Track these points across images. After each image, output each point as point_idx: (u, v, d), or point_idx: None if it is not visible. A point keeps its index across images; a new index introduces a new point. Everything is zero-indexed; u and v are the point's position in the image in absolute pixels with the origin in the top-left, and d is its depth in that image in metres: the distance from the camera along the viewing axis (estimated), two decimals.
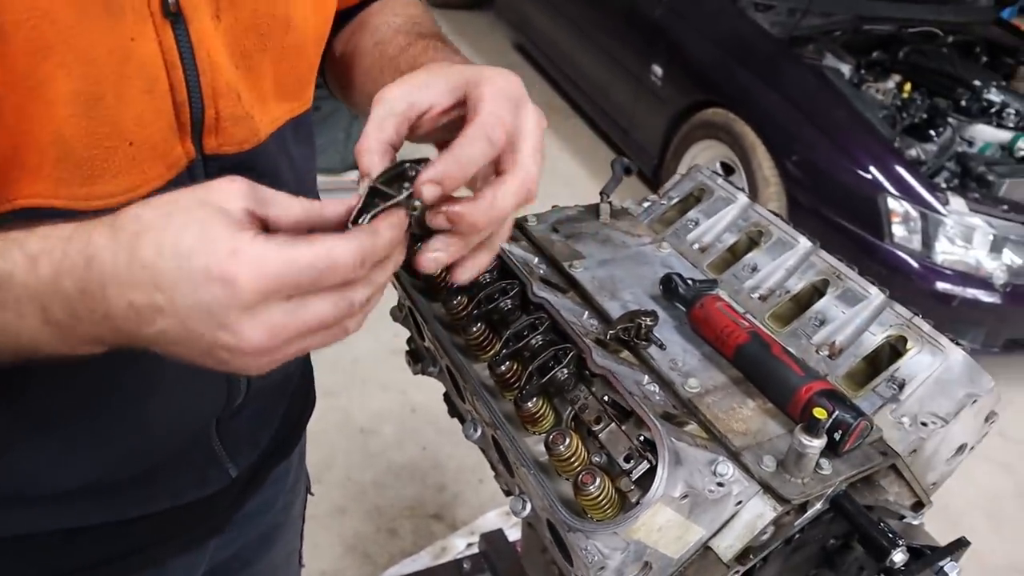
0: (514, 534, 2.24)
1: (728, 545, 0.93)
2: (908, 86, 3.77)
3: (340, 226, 0.61)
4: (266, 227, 0.58)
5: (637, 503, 0.89)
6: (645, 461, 0.88)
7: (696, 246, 1.36)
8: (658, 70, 4.05)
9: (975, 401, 1.07)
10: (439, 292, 1.18)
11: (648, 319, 1.08)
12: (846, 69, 3.68)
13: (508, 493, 1.28)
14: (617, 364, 1.00)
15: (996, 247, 3.18)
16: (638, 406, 0.89)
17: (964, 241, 3.19)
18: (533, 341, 1.02)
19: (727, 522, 0.94)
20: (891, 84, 3.75)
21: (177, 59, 0.71)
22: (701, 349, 1.13)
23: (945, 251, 3.17)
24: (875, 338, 1.14)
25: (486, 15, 6.54)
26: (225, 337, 0.54)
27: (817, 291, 1.24)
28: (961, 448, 1.14)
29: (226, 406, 0.94)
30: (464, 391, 1.10)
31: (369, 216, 0.60)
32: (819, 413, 0.90)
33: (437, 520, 2.57)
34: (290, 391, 1.16)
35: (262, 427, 1.08)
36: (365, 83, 0.98)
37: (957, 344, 1.10)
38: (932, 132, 3.60)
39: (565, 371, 0.97)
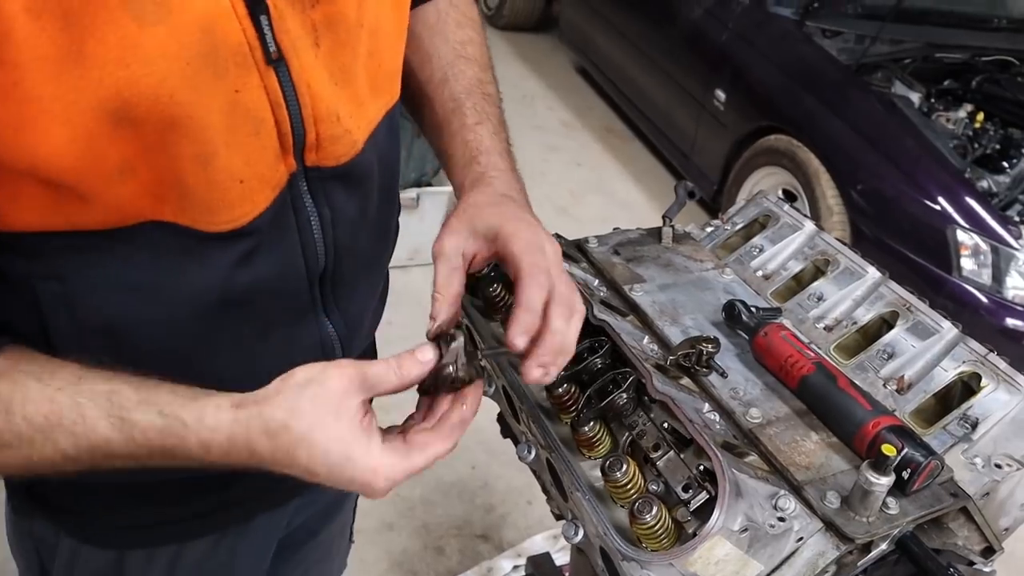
0: (561, 558, 2.21)
1: None
2: (981, 116, 3.66)
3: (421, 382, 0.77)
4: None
5: (694, 534, 0.87)
6: (704, 491, 0.86)
7: (760, 273, 1.34)
8: (721, 95, 4.01)
9: None
10: (497, 313, 1.18)
11: (710, 346, 1.07)
12: (915, 98, 3.59)
13: (559, 517, 1.27)
14: (677, 391, 0.98)
15: None
16: (698, 434, 0.87)
17: None
18: (592, 364, 1.01)
19: (787, 559, 0.91)
20: (962, 114, 3.64)
21: (281, 99, 0.75)
22: (763, 379, 1.11)
23: (1017, 286, 3.05)
24: (947, 374, 1.10)
25: (549, 38, 6.59)
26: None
27: (886, 323, 1.20)
28: None
29: None
30: (520, 412, 1.09)
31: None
32: (888, 449, 0.87)
33: (484, 540, 2.55)
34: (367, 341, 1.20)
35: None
36: (421, 116, 1.07)
37: None
38: (1005, 163, 3.49)
39: (624, 396, 0.96)
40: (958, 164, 3.21)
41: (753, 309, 1.17)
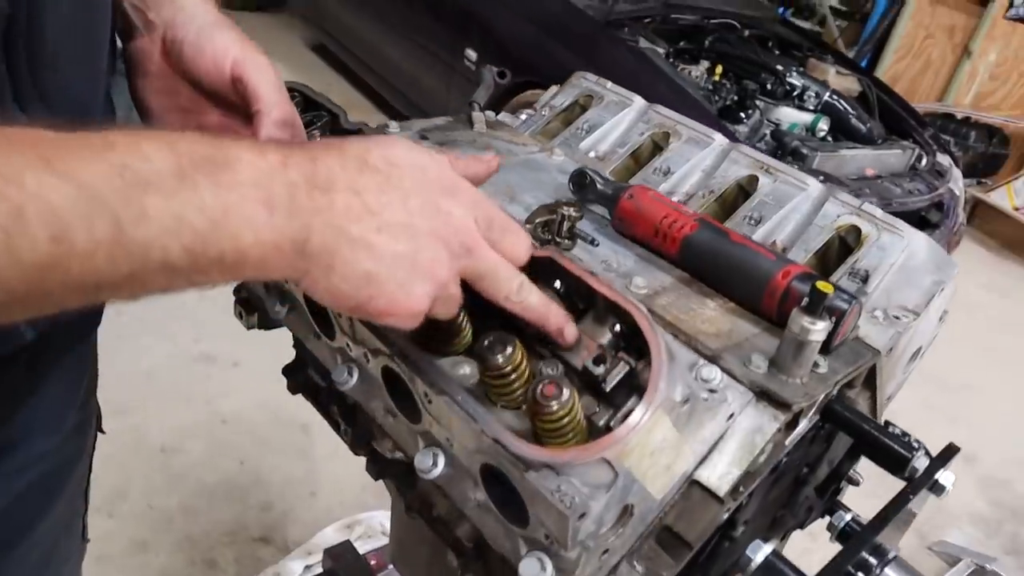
0: (362, 547, 1.91)
1: (722, 473, 0.70)
2: (719, 69, 3.85)
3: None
4: None
5: (608, 428, 0.65)
6: (622, 363, 0.63)
7: (592, 154, 1.15)
8: (472, 54, 3.88)
9: (943, 289, 0.93)
10: None
11: (572, 210, 0.85)
12: (660, 52, 3.69)
13: (381, 475, 0.99)
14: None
15: None
16: (606, 287, 0.64)
17: None
18: None
19: (716, 444, 0.71)
20: (702, 68, 3.81)
21: None
22: (634, 251, 0.91)
23: None
24: (822, 231, 0.97)
25: (275, 17, 6.12)
26: (447, 203, 0.60)
27: (743, 190, 1.06)
28: (916, 354, 1.00)
29: None
30: (336, 319, 0.80)
31: None
32: (824, 287, 0.70)
33: (264, 544, 2.17)
34: None
35: None
36: None
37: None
38: (743, 114, 3.67)
39: None
40: (711, 109, 3.31)
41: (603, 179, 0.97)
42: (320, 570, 1.88)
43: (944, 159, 3.97)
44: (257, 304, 1.06)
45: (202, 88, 0.79)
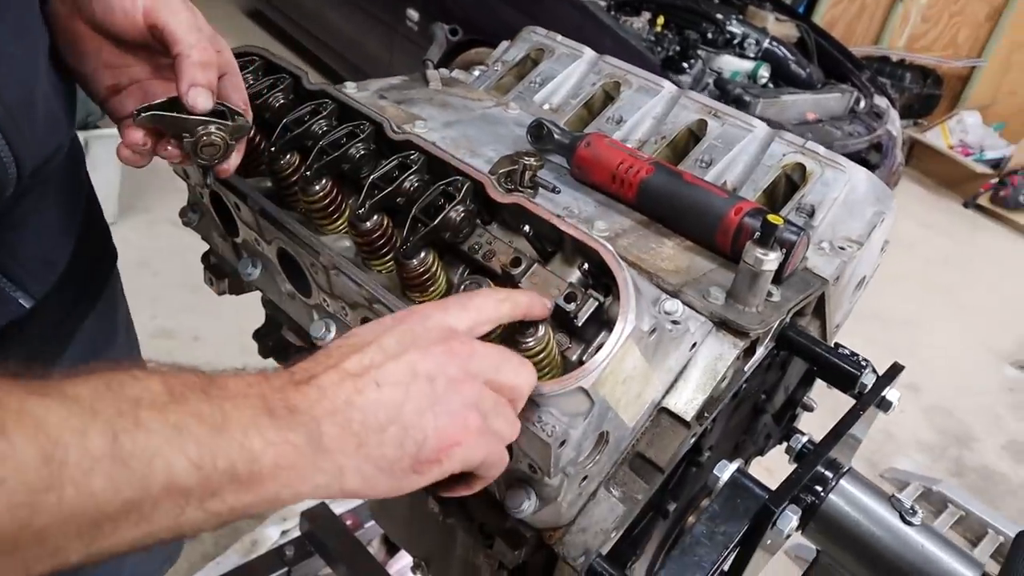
0: (338, 508, 1.95)
1: (688, 399, 0.75)
2: (661, 19, 3.88)
3: None
4: None
5: (581, 362, 0.69)
6: (591, 299, 0.67)
7: (547, 106, 1.18)
8: (414, 14, 3.84)
9: (883, 219, 0.98)
10: (257, 163, 0.89)
11: (533, 160, 0.88)
12: (602, 4, 3.71)
13: None
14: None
15: None
16: (572, 228, 0.67)
17: None
18: (407, 184, 0.77)
19: (681, 373, 0.76)
20: (644, 20, 3.83)
21: None
22: (593, 197, 0.94)
23: None
24: (769, 170, 1.02)
25: None
26: (418, 325, 0.57)
27: (693, 135, 1.10)
28: (860, 283, 1.06)
29: None
30: (313, 272, 0.82)
31: None
32: (774, 219, 0.74)
33: None
34: (79, 218, 0.93)
35: (53, 243, 0.86)
36: None
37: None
38: (685, 64, 3.72)
39: (460, 209, 0.73)
40: (655, 60, 3.34)
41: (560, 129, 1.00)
42: (297, 534, 1.92)
43: (881, 101, 4.07)
44: (227, 269, 1.07)
45: (125, 43, 0.76)
